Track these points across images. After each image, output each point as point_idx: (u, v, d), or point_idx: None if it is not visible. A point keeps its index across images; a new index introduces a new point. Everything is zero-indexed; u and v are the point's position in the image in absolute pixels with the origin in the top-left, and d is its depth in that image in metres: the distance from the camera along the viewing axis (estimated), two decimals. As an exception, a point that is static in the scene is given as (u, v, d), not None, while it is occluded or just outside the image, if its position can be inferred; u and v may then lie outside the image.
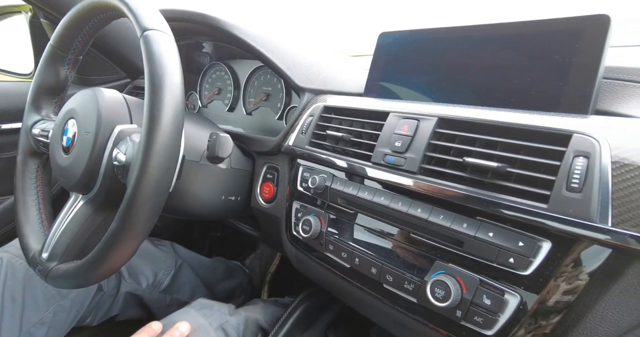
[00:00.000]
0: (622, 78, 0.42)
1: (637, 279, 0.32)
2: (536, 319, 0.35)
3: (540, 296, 0.35)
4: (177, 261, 1.03)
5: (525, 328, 0.35)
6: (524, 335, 0.36)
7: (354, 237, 0.52)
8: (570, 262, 0.34)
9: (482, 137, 0.42)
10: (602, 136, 0.34)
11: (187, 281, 1.03)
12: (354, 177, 0.53)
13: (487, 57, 0.51)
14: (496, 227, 0.38)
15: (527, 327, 0.35)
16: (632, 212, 0.31)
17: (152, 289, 0.94)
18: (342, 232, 0.53)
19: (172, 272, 1.00)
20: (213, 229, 1.46)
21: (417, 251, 0.44)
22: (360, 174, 0.52)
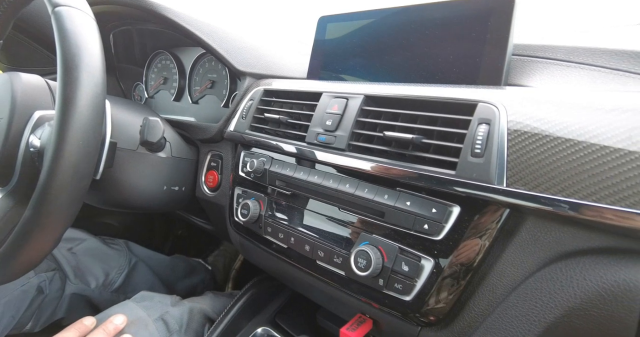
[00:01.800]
0: (529, 54, 0.45)
1: (529, 235, 0.34)
2: (448, 281, 0.37)
3: (451, 258, 0.36)
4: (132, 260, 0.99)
5: (438, 290, 0.37)
6: (437, 297, 0.37)
7: (291, 218, 0.52)
8: (476, 224, 0.36)
9: (403, 111, 0.43)
10: (502, 104, 0.36)
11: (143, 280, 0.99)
12: (291, 159, 0.53)
13: (414, 37, 0.53)
14: (413, 196, 0.40)
15: (440, 290, 0.37)
16: (522, 173, 0.33)
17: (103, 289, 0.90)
18: (280, 214, 0.53)
19: (126, 271, 0.96)
20: (175, 227, 1.42)
21: (345, 226, 0.45)
22: (296, 155, 0.52)
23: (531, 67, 0.44)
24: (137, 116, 0.64)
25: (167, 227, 1.40)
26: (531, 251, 0.34)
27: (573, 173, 0.31)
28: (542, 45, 0.44)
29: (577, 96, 0.34)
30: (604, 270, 0.30)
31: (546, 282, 0.32)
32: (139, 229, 1.32)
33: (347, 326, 0.44)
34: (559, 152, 0.32)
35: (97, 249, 0.95)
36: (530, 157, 0.33)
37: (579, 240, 0.32)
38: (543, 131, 0.33)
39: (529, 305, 0.33)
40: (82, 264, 0.87)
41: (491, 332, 0.34)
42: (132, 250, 1.04)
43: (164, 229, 1.40)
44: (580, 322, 0.31)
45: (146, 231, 1.36)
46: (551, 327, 0.32)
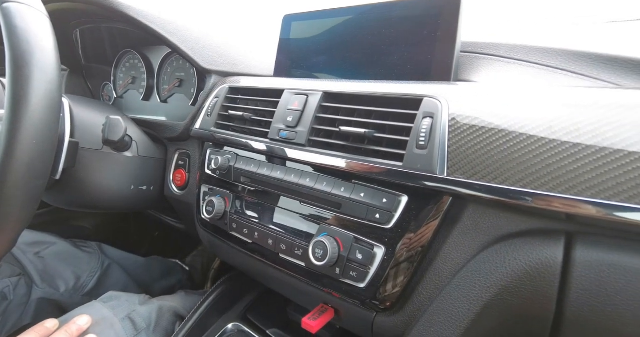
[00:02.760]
0: (476, 51, 0.48)
1: (470, 222, 0.36)
2: (398, 267, 0.39)
3: (400, 245, 0.38)
4: (104, 262, 0.98)
5: (390, 276, 0.39)
6: (389, 283, 0.39)
7: (255, 214, 0.52)
8: (422, 212, 0.38)
9: (358, 107, 0.44)
10: (444, 99, 0.38)
11: (116, 282, 0.97)
12: (256, 155, 0.54)
13: (372, 36, 0.55)
14: (366, 188, 0.41)
15: (391, 275, 0.39)
16: (462, 162, 0.35)
17: (74, 293, 0.88)
18: (244, 210, 0.54)
19: (98, 274, 0.94)
20: (152, 228, 1.40)
21: (305, 218, 0.46)
22: (259, 151, 0.53)
23: (478, 64, 0.47)
24: (101, 116, 0.63)
25: (143, 228, 1.38)
26: (472, 236, 0.36)
27: (505, 161, 0.33)
28: (486, 42, 0.47)
29: (510, 91, 0.37)
30: (530, 250, 0.32)
31: (484, 264, 0.35)
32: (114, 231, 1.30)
33: (308, 315, 0.45)
34: (493, 143, 0.34)
35: (67, 252, 0.92)
36: (468, 147, 0.35)
37: (512, 224, 0.34)
38: (479, 123, 0.35)
39: (469, 286, 0.35)
40: (51, 268, 0.85)
41: (437, 314, 0.37)
42: (106, 252, 1.02)
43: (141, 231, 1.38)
44: (512, 299, 0.33)
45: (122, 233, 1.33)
46: (488, 306, 0.34)
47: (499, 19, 0.64)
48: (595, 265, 0.30)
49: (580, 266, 0.30)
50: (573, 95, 0.33)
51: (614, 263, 0.29)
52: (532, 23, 0.58)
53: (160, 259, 1.17)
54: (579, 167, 0.30)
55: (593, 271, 0.30)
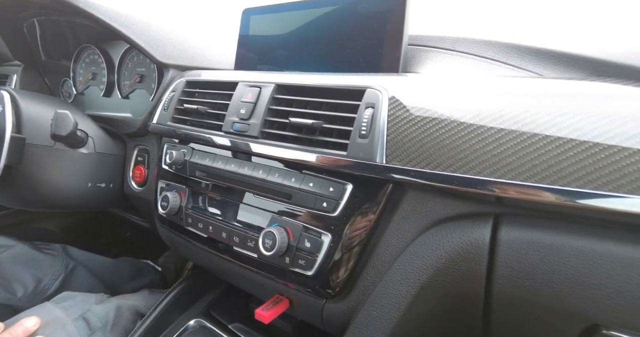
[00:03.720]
0: (422, 44, 0.49)
1: (410, 207, 0.38)
2: (344, 253, 0.39)
3: (345, 232, 0.39)
4: (69, 265, 0.94)
5: (336, 263, 0.40)
6: (335, 269, 0.40)
7: (210, 208, 0.52)
8: (366, 199, 0.39)
9: (307, 99, 0.45)
10: (385, 89, 0.39)
11: (82, 285, 0.94)
12: (210, 149, 0.54)
13: (327, 29, 0.56)
14: (315, 177, 0.42)
15: (337, 262, 0.40)
16: (399, 150, 0.36)
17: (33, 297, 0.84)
18: (199, 204, 0.54)
19: (62, 277, 0.91)
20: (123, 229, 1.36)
21: (258, 210, 0.47)
22: (213, 144, 0.52)
23: (425, 56, 0.48)
24: (50, 111, 0.61)
25: (114, 229, 1.34)
26: (411, 221, 0.37)
27: (437, 148, 0.34)
28: (433, 36, 0.48)
29: (446, 81, 0.38)
30: (462, 232, 0.34)
31: (421, 247, 0.36)
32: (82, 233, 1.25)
33: (262, 306, 0.45)
34: (426, 130, 0.35)
35: (27, 255, 0.89)
36: (405, 135, 0.36)
37: (447, 208, 0.36)
38: (415, 112, 0.36)
39: (407, 269, 0.36)
40: (8, 272, 0.81)
41: (379, 298, 0.38)
42: (70, 254, 0.99)
43: (111, 232, 1.34)
44: (446, 280, 0.34)
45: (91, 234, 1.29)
46: (425, 287, 0.35)
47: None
48: (516, 243, 0.31)
49: (504, 244, 0.32)
50: (499, 85, 0.35)
51: (531, 240, 0.31)
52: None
53: (130, 259, 1.14)
54: (502, 151, 0.31)
55: (514, 249, 0.31)
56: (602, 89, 0.31)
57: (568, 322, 0.31)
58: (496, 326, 0.37)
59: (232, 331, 0.60)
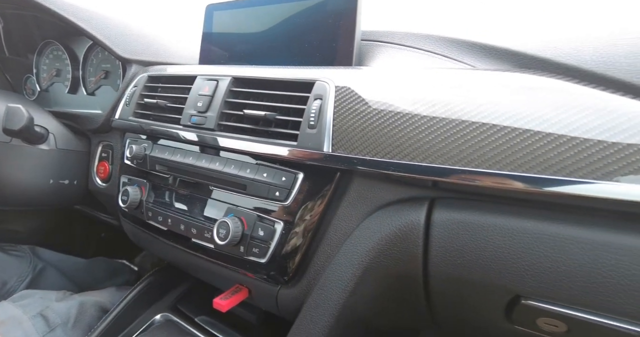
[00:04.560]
0: (374, 39, 0.51)
1: (356, 193, 0.39)
2: (295, 240, 0.41)
3: (297, 220, 0.41)
4: (37, 266, 0.92)
5: (288, 250, 0.41)
6: (288, 256, 0.41)
7: (169, 201, 0.53)
8: (315, 187, 0.40)
9: (261, 91, 0.46)
10: (332, 81, 0.41)
11: (51, 286, 0.92)
12: (169, 142, 0.54)
13: (286, 25, 0.57)
14: (269, 168, 0.43)
15: (289, 249, 0.41)
16: (344, 139, 0.38)
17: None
18: (159, 197, 0.54)
19: (29, 278, 0.89)
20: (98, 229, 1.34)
21: (215, 202, 0.48)
22: (172, 138, 0.53)
23: (377, 50, 0.50)
24: None
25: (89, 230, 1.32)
26: (358, 207, 0.39)
27: (377, 136, 0.36)
28: (384, 31, 0.50)
29: (389, 74, 0.40)
30: (400, 215, 0.36)
31: (365, 231, 0.38)
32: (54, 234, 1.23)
33: (221, 296, 0.46)
34: (368, 120, 0.37)
35: (-11, 257, 0.87)
36: (349, 125, 0.38)
37: (388, 193, 0.38)
38: (358, 102, 0.38)
39: (353, 252, 0.38)
40: (-31, 275, 0.79)
41: (328, 281, 0.39)
42: (40, 255, 0.97)
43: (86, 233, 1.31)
44: (387, 261, 0.36)
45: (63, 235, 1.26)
46: (368, 269, 0.37)
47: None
48: (448, 224, 0.33)
49: (437, 226, 0.34)
50: (435, 77, 0.37)
51: (461, 221, 0.33)
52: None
53: (105, 259, 1.12)
54: (433, 138, 0.33)
55: (446, 229, 0.33)
56: (523, 79, 0.34)
57: (495, 295, 0.34)
58: (438, 304, 0.39)
59: (198, 323, 0.60)
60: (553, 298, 0.31)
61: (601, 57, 0.31)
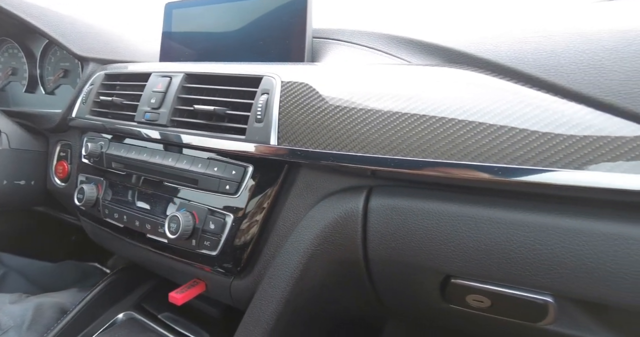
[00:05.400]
0: (325, 37, 0.53)
1: (303, 184, 0.41)
2: (246, 232, 0.42)
3: (247, 212, 0.42)
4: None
5: (238, 242, 0.42)
6: (238, 247, 0.42)
7: (125, 198, 0.53)
8: (265, 180, 0.42)
9: (212, 86, 0.47)
10: (279, 77, 0.42)
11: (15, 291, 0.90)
12: (125, 139, 0.54)
13: (243, 22, 0.58)
14: (219, 162, 0.44)
15: (239, 240, 0.42)
16: (289, 132, 0.39)
17: (-46, 307, 0.80)
18: (115, 195, 0.54)
19: (-10, 284, 0.86)
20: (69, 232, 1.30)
21: (168, 197, 0.48)
22: (127, 134, 0.53)
23: (328, 47, 0.52)
24: None
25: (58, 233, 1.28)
26: (305, 197, 0.41)
27: (319, 129, 0.38)
28: (335, 29, 0.52)
29: (333, 69, 0.42)
30: (341, 203, 0.37)
31: (310, 220, 0.39)
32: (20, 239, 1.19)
33: (176, 290, 0.47)
34: (311, 113, 0.38)
35: (-54, 264, 0.84)
36: (294, 118, 0.39)
37: (332, 183, 0.39)
38: (302, 96, 0.39)
39: (299, 241, 0.39)
40: None
41: (276, 269, 0.41)
42: (2, 260, 0.94)
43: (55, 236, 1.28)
44: (330, 247, 0.38)
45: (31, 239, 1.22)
46: (313, 255, 0.39)
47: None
48: (382, 210, 0.35)
49: (373, 212, 0.36)
50: (374, 72, 0.39)
51: (394, 206, 0.35)
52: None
53: (74, 263, 1.10)
54: (368, 129, 0.35)
55: (381, 215, 0.35)
56: (449, 73, 0.36)
57: (429, 276, 0.36)
58: (381, 289, 0.41)
59: (161, 320, 0.60)
60: (477, 276, 0.33)
61: (514, 53, 0.33)
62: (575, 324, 0.33)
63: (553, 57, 0.31)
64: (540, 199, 0.30)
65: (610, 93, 0.28)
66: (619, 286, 0.27)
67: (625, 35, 0.30)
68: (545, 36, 0.34)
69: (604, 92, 0.28)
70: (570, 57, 0.31)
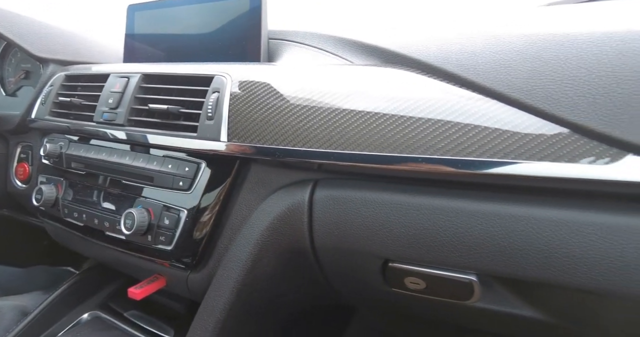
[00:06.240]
0: (280, 38, 0.55)
1: (255, 179, 0.43)
2: (199, 227, 0.44)
3: (200, 207, 0.43)
4: (-39, 279, 0.88)
5: (192, 236, 0.44)
6: (191, 242, 0.44)
7: (84, 197, 0.53)
8: (217, 175, 0.43)
9: (168, 86, 0.48)
10: (229, 75, 0.44)
11: (-20, 298, 0.88)
12: (84, 139, 0.55)
13: (202, 24, 0.59)
14: (174, 159, 0.46)
15: (193, 235, 0.44)
16: (238, 129, 0.41)
17: None
18: (75, 194, 0.54)
19: (-50, 293, 0.84)
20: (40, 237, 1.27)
21: (126, 194, 0.49)
22: (86, 134, 0.54)
23: (284, 48, 0.54)
24: None
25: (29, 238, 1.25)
26: (256, 192, 0.43)
27: (266, 125, 0.39)
28: (289, 31, 0.54)
29: (283, 68, 0.44)
30: (289, 196, 0.40)
31: (260, 213, 0.41)
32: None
33: (136, 285, 0.48)
34: (258, 110, 0.40)
35: None
36: (243, 115, 0.41)
37: (282, 177, 0.41)
38: (250, 94, 0.41)
39: (251, 232, 0.41)
40: None
41: (229, 261, 0.42)
42: (-34, 268, 0.91)
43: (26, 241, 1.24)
44: (279, 237, 0.40)
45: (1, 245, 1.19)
46: (264, 246, 0.41)
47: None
48: (326, 200, 0.38)
49: (318, 202, 0.38)
50: (320, 71, 0.41)
51: (336, 197, 0.37)
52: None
53: (46, 268, 1.08)
54: (311, 125, 0.38)
55: (325, 205, 0.38)
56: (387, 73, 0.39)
57: (370, 261, 0.38)
58: (331, 276, 0.43)
59: (127, 318, 0.61)
60: (410, 259, 0.36)
61: (440, 54, 0.36)
62: (500, 301, 0.36)
63: (473, 58, 0.34)
64: (460, 187, 0.33)
65: (516, 90, 0.31)
66: (526, 262, 0.31)
67: (530, 38, 0.33)
68: (468, 38, 0.37)
69: (511, 89, 0.31)
70: (486, 57, 0.34)
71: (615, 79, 0.28)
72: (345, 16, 0.81)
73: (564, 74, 0.30)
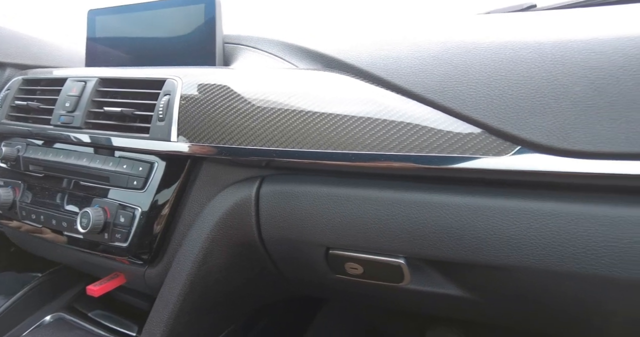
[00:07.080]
0: (235, 42, 0.57)
1: (207, 177, 0.45)
2: (153, 224, 0.46)
3: (154, 205, 0.45)
4: None
5: (146, 233, 0.45)
6: (146, 238, 0.46)
7: (42, 199, 0.54)
8: (170, 174, 0.45)
9: (122, 90, 0.50)
10: (180, 79, 0.46)
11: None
12: (42, 142, 0.56)
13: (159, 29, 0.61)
14: (128, 160, 0.47)
15: (147, 232, 0.46)
16: (187, 129, 0.43)
17: None
18: (34, 196, 0.55)
19: None
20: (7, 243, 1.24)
21: (84, 195, 0.50)
22: (44, 137, 0.54)
23: (239, 52, 0.57)
24: None
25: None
26: (208, 189, 0.45)
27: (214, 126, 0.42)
28: (245, 35, 0.57)
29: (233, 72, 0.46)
30: (238, 192, 0.42)
31: (212, 208, 0.44)
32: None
33: (95, 283, 0.49)
34: (207, 111, 0.43)
35: None
36: (191, 116, 0.43)
37: (231, 175, 0.44)
38: (199, 95, 0.44)
39: (202, 227, 0.44)
40: None
41: (182, 255, 0.45)
42: None
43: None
44: (229, 230, 0.43)
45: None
46: (215, 239, 0.43)
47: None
48: (271, 194, 0.41)
49: (264, 197, 0.41)
50: (266, 75, 0.44)
51: (280, 191, 0.40)
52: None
53: (12, 274, 1.06)
54: (255, 124, 0.40)
55: (271, 199, 0.41)
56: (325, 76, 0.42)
57: (313, 249, 0.41)
58: (282, 267, 0.46)
59: (91, 318, 0.62)
60: (347, 245, 0.39)
61: (370, 59, 0.40)
62: (428, 281, 0.40)
63: (396, 63, 0.38)
64: (388, 178, 0.37)
65: (431, 91, 0.35)
66: (443, 244, 0.35)
67: (445, 45, 0.37)
68: (395, 44, 0.41)
69: (427, 90, 0.35)
70: (408, 62, 0.38)
71: (507, 82, 0.32)
72: (302, 15, 0.84)
73: (469, 77, 0.34)
